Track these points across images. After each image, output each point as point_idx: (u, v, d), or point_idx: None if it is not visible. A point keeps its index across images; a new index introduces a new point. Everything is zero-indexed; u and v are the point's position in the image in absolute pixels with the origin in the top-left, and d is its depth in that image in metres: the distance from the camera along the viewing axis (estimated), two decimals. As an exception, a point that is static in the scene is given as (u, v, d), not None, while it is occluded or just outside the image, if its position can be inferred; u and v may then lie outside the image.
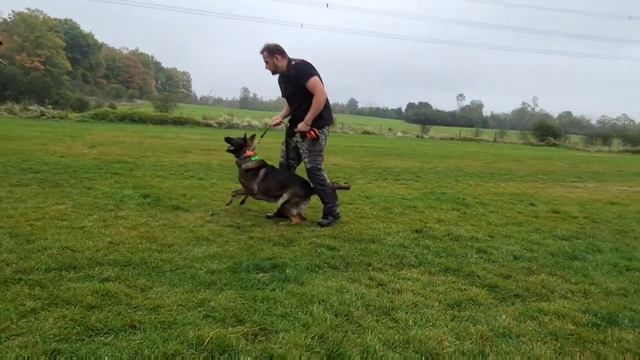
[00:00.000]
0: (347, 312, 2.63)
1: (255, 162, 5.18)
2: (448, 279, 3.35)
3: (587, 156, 26.58)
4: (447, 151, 21.78)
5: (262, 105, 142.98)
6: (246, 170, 5.16)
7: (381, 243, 4.23)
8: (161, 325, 2.33)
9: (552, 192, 8.85)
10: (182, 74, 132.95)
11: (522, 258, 3.98)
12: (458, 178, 10.45)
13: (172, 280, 2.98)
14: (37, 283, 2.77)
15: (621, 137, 43.87)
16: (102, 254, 3.41)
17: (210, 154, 12.56)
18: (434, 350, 2.25)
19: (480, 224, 5.43)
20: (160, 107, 38.50)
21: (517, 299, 3.01)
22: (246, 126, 33.32)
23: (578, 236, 5.01)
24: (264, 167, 5.15)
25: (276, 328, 2.37)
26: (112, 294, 2.66)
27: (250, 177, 5.12)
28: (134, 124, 29.26)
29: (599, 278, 3.53)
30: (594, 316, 2.75)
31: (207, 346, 2.15)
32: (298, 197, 4.94)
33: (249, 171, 5.15)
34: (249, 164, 5.17)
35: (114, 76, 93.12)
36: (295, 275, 3.16)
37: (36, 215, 4.51)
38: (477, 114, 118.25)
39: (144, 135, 18.99)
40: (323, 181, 5.04)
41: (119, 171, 7.94)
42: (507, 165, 15.02)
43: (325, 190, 5.06)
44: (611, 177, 13.22)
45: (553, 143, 39.68)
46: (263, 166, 5.15)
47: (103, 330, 2.25)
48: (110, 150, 11.80)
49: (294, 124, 5.06)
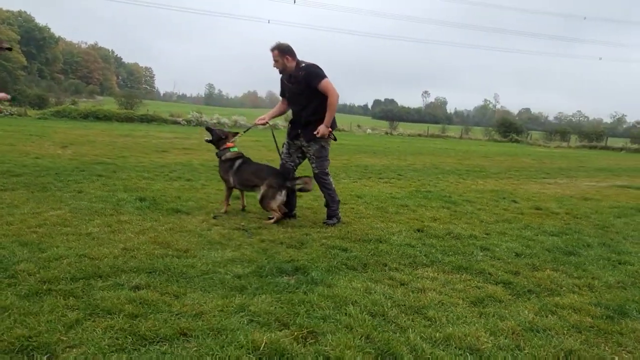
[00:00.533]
0: (381, 313, 2.74)
1: (233, 153, 5.34)
2: (463, 277, 3.51)
3: (549, 152, 27.72)
4: (418, 148, 22.24)
5: (228, 101, 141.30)
6: (224, 161, 5.32)
7: (389, 243, 4.36)
8: (211, 332, 2.37)
9: (528, 189, 9.26)
10: (145, 69, 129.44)
11: (524, 255, 4.21)
12: (438, 176, 10.75)
13: (202, 286, 3.00)
14: (69, 293, 2.74)
15: (578, 133, 46.00)
16: (121, 261, 3.39)
17: (188, 154, 12.40)
18: (474, 346, 2.39)
19: (473, 221, 5.66)
20: (125, 104, 37.45)
21: (531, 295, 3.21)
22: (215, 124, 32.93)
23: (566, 232, 5.31)
24: (239, 157, 5.32)
25: (322, 330, 2.46)
26: (150, 302, 2.67)
27: (227, 168, 5.28)
28: (99, 121, 28.36)
29: (597, 272, 3.79)
30: (605, 309, 2.98)
31: (264, 351, 2.21)
32: (273, 188, 4.98)
33: (226, 162, 5.30)
34: (227, 155, 5.33)
35: (72, 71, 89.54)
36: (321, 278, 3.24)
37: (36, 221, 4.40)
38: (441, 110, 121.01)
39: (113, 134, 18.49)
40: (329, 185, 5.15)
41: (103, 173, 7.76)
42: (478, 162, 15.53)
43: (331, 194, 5.16)
44: (577, 172, 13.91)
45: (515, 139, 41.14)
46: (239, 157, 5.32)
47: (155, 339, 2.28)
48: (85, 150, 11.47)
49: (296, 126, 5.12)
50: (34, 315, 2.44)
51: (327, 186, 5.13)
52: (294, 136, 5.16)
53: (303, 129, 5.04)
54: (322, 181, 5.11)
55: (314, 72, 4.85)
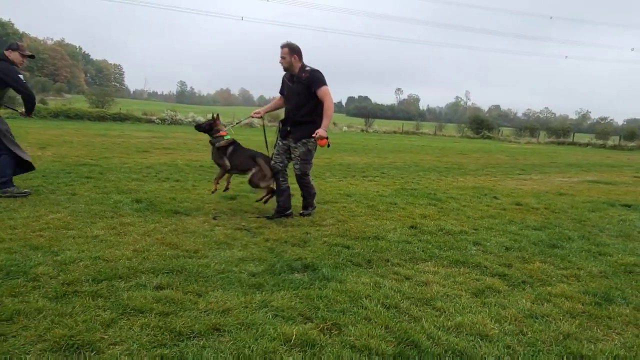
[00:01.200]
0: (394, 305, 2.95)
1: (226, 140, 5.65)
2: (461, 270, 3.76)
3: (520, 148, 28.63)
4: (396, 145, 22.65)
5: (200, 99, 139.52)
6: (218, 148, 5.62)
7: (387, 240, 4.58)
8: (242, 327, 2.52)
9: (506, 185, 9.66)
10: (114, 66, 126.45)
11: (513, 248, 4.50)
12: (419, 173, 11.08)
13: (221, 284, 3.15)
14: (96, 294, 2.85)
15: (546, 129, 47.55)
16: (136, 262, 3.49)
17: (170, 154, 12.36)
18: (483, 332, 2.63)
19: (460, 218, 5.95)
20: (96, 103, 36.66)
21: (526, 285, 3.48)
22: (190, 122, 32.58)
23: (547, 226, 5.65)
24: (233, 144, 5.65)
25: (344, 322, 2.65)
26: (177, 301, 2.80)
27: (221, 154, 5.59)
28: (70, 120, 27.72)
29: (581, 263, 4.11)
30: (593, 296, 3.28)
31: (295, 342, 2.38)
32: (262, 171, 5.49)
33: (220, 149, 5.61)
34: (221, 143, 5.63)
35: (38, 69, 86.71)
36: (331, 274, 3.43)
37: (39, 225, 4.43)
38: (414, 107, 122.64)
39: (88, 133, 18.17)
40: (308, 184, 5.49)
41: (90, 175, 7.73)
42: (456, 159, 15.98)
43: (310, 190, 5.52)
44: (549, 168, 14.50)
45: (488, 136, 42.25)
46: (232, 143, 5.66)
47: (191, 334, 2.42)
48: (64, 151, 11.31)
49: (287, 124, 5.39)
50: (68, 315, 2.54)
51: (307, 185, 5.48)
52: (284, 135, 5.39)
53: (293, 128, 5.31)
54: (303, 181, 5.45)
55: (317, 77, 5.14)
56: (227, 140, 5.66)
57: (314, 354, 2.31)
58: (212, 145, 5.70)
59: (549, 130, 45.72)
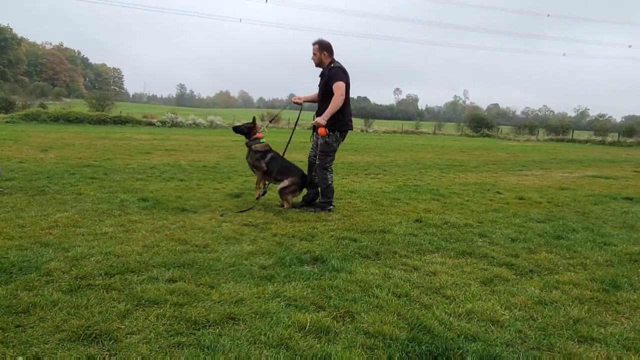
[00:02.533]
0: (405, 294, 2.99)
1: (263, 144, 5.81)
2: (468, 261, 3.80)
3: (520, 145, 28.68)
4: (396, 144, 22.70)
5: (200, 102, 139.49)
6: (255, 151, 5.75)
7: (393, 233, 4.61)
8: (256, 315, 2.56)
9: (508, 181, 9.70)
10: (113, 70, 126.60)
11: (518, 240, 4.54)
12: (420, 170, 11.11)
13: (233, 277, 3.18)
14: (110, 287, 2.88)
15: (545, 127, 47.63)
16: (146, 257, 3.52)
17: (173, 155, 12.40)
18: (494, 318, 2.66)
19: (465, 212, 5.98)
20: (96, 106, 36.68)
21: (533, 274, 3.51)
22: (191, 124, 32.65)
23: (551, 219, 5.69)
24: (270, 151, 5.79)
25: (356, 310, 2.68)
26: (190, 293, 2.84)
27: (258, 157, 5.73)
28: (70, 124, 27.76)
29: (587, 253, 4.14)
30: (601, 283, 3.31)
31: (310, 329, 2.41)
32: (295, 185, 5.69)
33: (257, 152, 5.75)
34: (257, 146, 5.78)
35: (37, 73, 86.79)
36: (340, 266, 3.46)
37: (47, 223, 4.46)
38: (413, 107, 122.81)
39: (89, 136, 18.21)
40: (326, 180, 5.56)
41: (95, 176, 7.77)
42: (456, 157, 16.02)
43: (324, 189, 5.60)
44: (549, 164, 14.54)
45: (487, 134, 42.30)
46: (270, 151, 5.79)
47: (207, 323, 2.45)
48: (67, 154, 11.34)
49: (315, 117, 5.61)
50: (84, 307, 2.57)
51: (323, 180, 5.56)
52: (314, 128, 5.64)
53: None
54: (321, 174, 5.57)
55: (335, 73, 5.36)
56: (264, 144, 5.81)
57: (329, 339, 2.34)
58: (248, 147, 5.85)
59: (548, 128, 45.82)
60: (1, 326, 2.32)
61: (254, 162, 5.78)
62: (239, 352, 2.17)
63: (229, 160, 11.59)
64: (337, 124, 5.47)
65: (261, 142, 5.83)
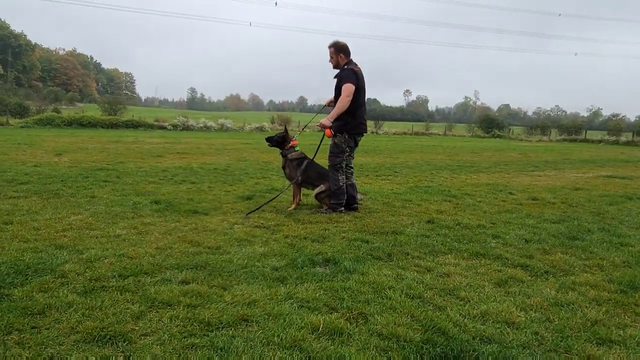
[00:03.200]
0: (418, 295, 2.96)
1: (298, 152, 5.86)
2: (482, 262, 3.75)
3: (532, 146, 28.40)
4: (407, 146, 22.61)
5: (211, 105, 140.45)
6: (291, 160, 5.80)
7: (405, 234, 4.59)
8: (269, 317, 2.55)
9: (520, 182, 9.60)
10: (125, 74, 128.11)
11: (532, 240, 4.48)
12: (431, 172, 11.05)
13: (245, 278, 3.18)
14: (123, 289, 2.89)
15: (557, 127, 47.08)
16: (159, 259, 3.53)
17: (184, 158, 12.48)
18: (509, 320, 2.63)
19: (477, 213, 5.93)
20: (109, 111, 37.11)
21: (549, 275, 3.46)
22: (202, 127, 32.85)
23: (565, 219, 5.61)
24: (305, 159, 5.83)
25: (370, 312, 2.66)
26: (203, 294, 2.84)
27: (295, 166, 5.76)
28: (83, 128, 28.13)
29: (603, 254, 4.08)
30: (618, 285, 3.25)
31: (323, 331, 2.40)
32: (330, 192, 5.68)
33: (293, 161, 5.79)
34: (293, 154, 5.83)
35: (51, 79, 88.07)
36: (353, 267, 3.45)
37: (62, 226, 4.51)
38: (423, 108, 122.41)
39: (102, 140, 18.42)
40: (337, 182, 5.57)
41: (108, 179, 7.84)
42: (468, 158, 15.91)
43: (335, 190, 5.58)
44: (562, 165, 14.37)
45: (498, 135, 41.96)
46: (305, 158, 5.83)
47: (220, 325, 2.45)
48: (80, 157, 11.47)
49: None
50: (98, 309, 2.59)
51: (334, 182, 5.57)
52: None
53: (333, 122, 5.55)
54: (332, 175, 5.59)
55: (345, 74, 5.37)
56: (299, 152, 5.85)
57: (343, 341, 2.33)
58: (284, 157, 5.89)
59: (560, 128, 45.27)
60: (17, 327, 2.35)
61: (291, 172, 5.81)
62: (253, 354, 2.17)
63: (240, 162, 11.64)
64: (346, 126, 5.49)
65: (296, 150, 5.87)
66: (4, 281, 2.92)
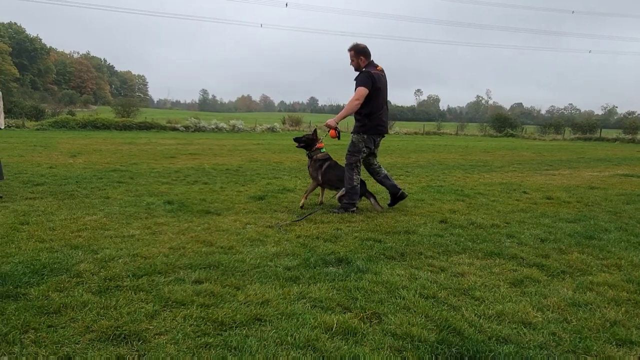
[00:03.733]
0: (432, 295, 2.93)
1: (323, 154, 5.93)
2: (497, 262, 3.71)
3: (546, 145, 28.07)
4: (418, 145, 22.50)
5: (222, 106, 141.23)
6: (315, 160, 5.89)
7: (418, 234, 4.55)
8: (283, 317, 2.54)
9: (535, 181, 9.48)
10: (138, 77, 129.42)
11: (548, 240, 4.41)
12: (444, 171, 10.97)
13: (258, 278, 3.18)
14: (137, 288, 2.91)
15: (571, 125, 46.44)
16: (173, 259, 3.55)
17: (197, 159, 12.56)
18: (526, 320, 2.58)
19: (491, 212, 5.86)
20: (122, 113, 37.55)
21: (565, 275, 3.41)
22: (214, 129, 33.06)
23: (581, 219, 5.52)
24: (328, 160, 5.89)
25: (383, 312, 2.64)
26: (216, 294, 2.84)
27: (317, 167, 5.85)
28: (97, 130, 28.50)
29: (621, 253, 4.00)
30: (638, 285, 3.18)
31: (337, 330, 2.39)
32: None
33: (317, 161, 5.88)
34: (318, 156, 5.91)
35: (66, 82, 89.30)
36: (366, 267, 3.43)
37: (77, 226, 4.56)
38: (434, 108, 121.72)
39: (116, 142, 18.63)
40: (352, 181, 5.58)
41: (121, 180, 7.92)
42: (480, 157, 15.77)
43: (348, 189, 5.58)
44: (577, 163, 14.17)
45: (511, 134, 41.56)
46: (327, 159, 5.90)
47: (233, 324, 2.45)
48: (95, 159, 11.62)
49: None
50: (112, 308, 2.61)
51: (349, 180, 5.58)
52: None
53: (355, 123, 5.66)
54: (347, 174, 5.61)
55: (361, 78, 5.40)
56: (324, 153, 5.94)
57: (357, 341, 2.31)
58: (309, 158, 5.98)
59: (575, 127, 44.62)
60: (34, 326, 2.37)
61: (313, 172, 5.91)
62: (266, 353, 2.16)
63: (252, 163, 11.67)
64: (364, 127, 5.59)
65: (322, 152, 5.95)
66: (20, 280, 2.96)
